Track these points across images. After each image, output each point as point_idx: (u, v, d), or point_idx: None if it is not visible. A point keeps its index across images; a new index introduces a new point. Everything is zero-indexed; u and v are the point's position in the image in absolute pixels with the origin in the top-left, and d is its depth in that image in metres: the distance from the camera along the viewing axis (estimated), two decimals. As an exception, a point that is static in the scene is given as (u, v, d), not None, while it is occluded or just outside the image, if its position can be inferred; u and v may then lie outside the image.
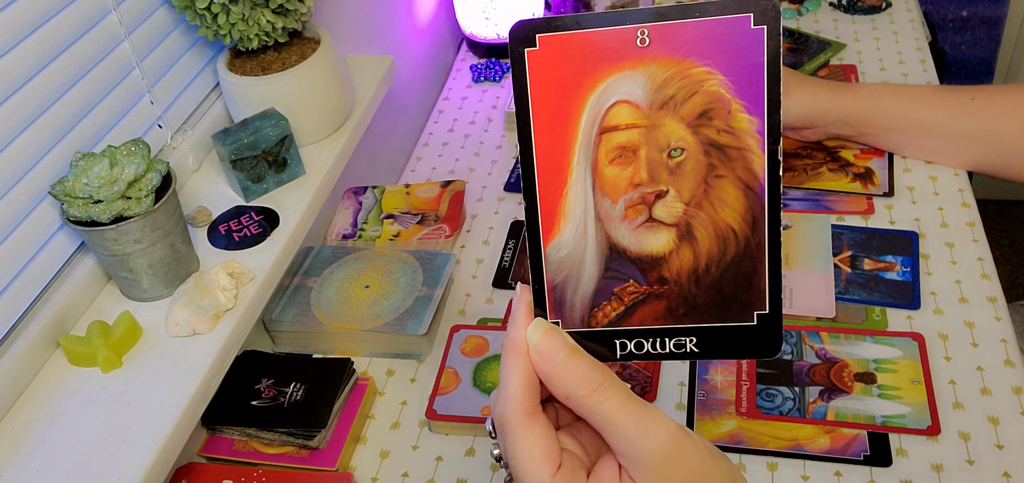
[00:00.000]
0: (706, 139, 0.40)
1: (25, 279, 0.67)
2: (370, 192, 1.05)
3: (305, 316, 0.87)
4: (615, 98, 0.40)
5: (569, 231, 0.42)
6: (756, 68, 0.39)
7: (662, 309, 0.43)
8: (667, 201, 0.41)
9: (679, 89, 0.39)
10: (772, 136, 0.40)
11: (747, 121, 0.40)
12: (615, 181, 0.41)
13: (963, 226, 0.92)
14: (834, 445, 0.73)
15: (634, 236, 0.42)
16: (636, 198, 0.41)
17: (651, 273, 0.42)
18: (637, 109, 0.40)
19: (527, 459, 0.42)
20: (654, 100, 0.40)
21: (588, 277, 0.43)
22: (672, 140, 0.40)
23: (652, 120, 0.40)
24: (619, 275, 0.43)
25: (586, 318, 0.43)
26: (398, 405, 0.82)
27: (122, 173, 0.67)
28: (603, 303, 0.43)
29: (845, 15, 1.30)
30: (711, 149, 0.40)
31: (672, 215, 0.41)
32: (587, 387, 0.41)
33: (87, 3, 0.71)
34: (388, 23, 1.22)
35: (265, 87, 0.82)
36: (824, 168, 0.99)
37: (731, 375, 0.79)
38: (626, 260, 0.42)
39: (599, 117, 0.40)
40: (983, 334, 0.80)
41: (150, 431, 0.62)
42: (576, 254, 0.42)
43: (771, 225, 0.41)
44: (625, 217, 0.42)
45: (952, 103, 0.94)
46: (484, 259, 0.98)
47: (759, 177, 0.40)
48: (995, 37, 1.94)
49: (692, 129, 0.40)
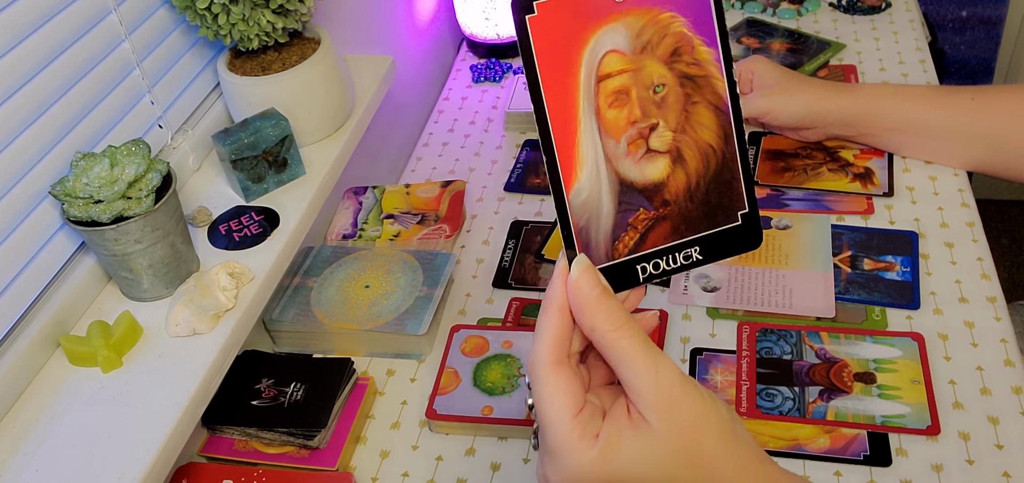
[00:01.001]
0: (679, 73, 0.46)
1: (25, 279, 0.67)
2: (370, 192, 1.05)
3: (305, 316, 0.87)
4: (605, 49, 0.45)
5: (585, 175, 0.47)
6: (705, 7, 0.46)
7: (668, 229, 0.49)
8: (659, 132, 0.47)
9: (653, 34, 0.46)
10: (726, 62, 0.47)
11: (707, 52, 0.46)
12: (616, 122, 0.46)
13: (963, 226, 0.92)
14: (834, 445, 0.73)
15: (638, 168, 0.47)
16: (635, 134, 0.47)
17: (655, 198, 0.48)
18: (624, 56, 0.46)
19: (551, 402, 0.46)
20: (635, 46, 0.46)
21: (606, 213, 0.48)
22: (655, 78, 0.46)
23: (636, 63, 0.46)
24: (630, 206, 0.48)
25: (610, 251, 0.48)
26: (398, 405, 0.82)
27: (122, 173, 0.67)
28: (621, 235, 0.48)
29: (845, 15, 1.30)
30: (685, 80, 0.47)
31: (664, 143, 0.47)
32: (612, 324, 0.46)
33: (87, 3, 0.71)
34: (388, 23, 1.22)
35: (265, 87, 0.82)
36: (824, 168, 0.99)
37: (731, 375, 0.79)
38: (635, 191, 0.48)
39: (595, 67, 0.45)
40: (983, 334, 0.80)
41: (150, 431, 0.62)
42: (594, 195, 0.47)
43: (738, 136, 0.48)
44: (628, 152, 0.47)
45: (952, 103, 0.94)
46: (484, 259, 0.98)
47: (724, 97, 0.47)
48: (995, 37, 1.94)
49: (668, 65, 0.46)
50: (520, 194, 1.06)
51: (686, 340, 0.84)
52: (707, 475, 0.46)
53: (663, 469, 0.45)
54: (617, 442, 0.46)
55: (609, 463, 0.46)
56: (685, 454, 0.45)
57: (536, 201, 1.05)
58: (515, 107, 1.18)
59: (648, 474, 0.46)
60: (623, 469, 0.46)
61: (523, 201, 1.05)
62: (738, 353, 0.81)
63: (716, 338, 0.83)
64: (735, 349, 0.82)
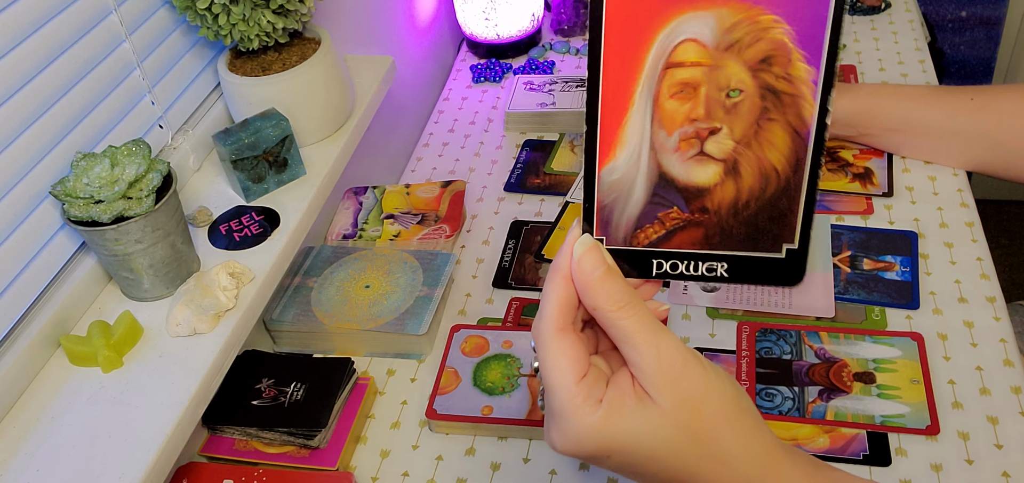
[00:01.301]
0: (764, 83, 0.43)
1: (26, 279, 0.67)
2: (370, 192, 1.05)
3: (305, 316, 0.87)
4: (684, 36, 0.42)
5: (624, 156, 0.45)
6: (820, 22, 0.41)
7: (700, 236, 0.46)
8: (719, 138, 0.44)
9: (745, 34, 0.42)
10: (826, 87, 0.42)
11: (805, 70, 0.42)
12: (673, 114, 0.44)
13: (962, 226, 0.92)
14: (833, 445, 0.73)
15: (684, 167, 0.45)
16: (691, 132, 0.44)
17: (694, 202, 0.46)
18: (704, 48, 0.42)
19: (556, 367, 0.46)
20: (721, 41, 0.42)
21: (635, 200, 0.46)
22: (732, 81, 0.43)
23: (716, 60, 0.42)
24: (664, 202, 0.46)
25: (629, 238, 0.47)
26: (398, 405, 0.82)
27: (123, 173, 0.67)
28: (646, 226, 0.47)
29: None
30: (767, 93, 0.43)
31: (722, 151, 0.44)
32: (615, 304, 0.46)
33: (88, 4, 0.72)
34: (388, 23, 1.22)
35: (265, 87, 0.82)
36: (823, 168, 0.99)
37: (731, 375, 0.79)
38: (673, 189, 0.46)
39: (667, 53, 0.42)
40: (982, 334, 0.80)
41: (151, 431, 0.62)
42: (627, 179, 0.46)
43: (812, 169, 0.44)
44: (678, 148, 0.45)
45: (951, 103, 0.94)
46: (484, 259, 0.98)
47: (808, 123, 0.43)
48: (994, 37, 1.94)
49: (752, 73, 0.42)
50: (520, 194, 1.07)
51: (686, 340, 0.84)
52: (709, 449, 0.46)
53: (665, 443, 0.46)
54: (620, 411, 0.46)
55: (610, 429, 0.46)
56: (687, 428, 0.46)
57: (536, 201, 1.05)
58: (515, 107, 1.18)
59: (650, 446, 0.46)
60: (625, 438, 0.46)
61: (523, 201, 1.05)
62: (738, 353, 0.81)
63: (716, 338, 0.83)
64: (735, 349, 0.82)
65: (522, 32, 1.33)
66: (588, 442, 0.47)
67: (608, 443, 0.47)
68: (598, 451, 0.47)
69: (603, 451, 0.47)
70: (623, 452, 0.47)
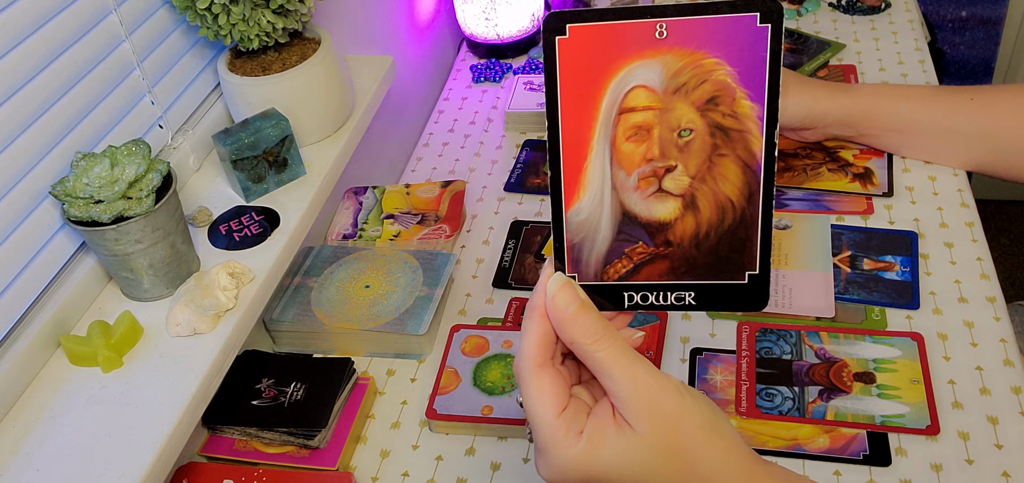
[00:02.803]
0: (712, 122, 0.45)
1: (26, 279, 0.67)
2: (370, 192, 1.05)
3: (306, 316, 0.87)
4: (634, 83, 0.45)
5: (588, 198, 0.48)
6: (759, 61, 0.44)
7: (666, 267, 0.49)
8: (675, 175, 0.47)
9: (691, 77, 0.44)
10: (771, 121, 0.45)
11: (749, 107, 0.45)
12: (630, 156, 0.47)
13: (962, 226, 0.92)
14: (833, 445, 0.73)
15: (645, 204, 0.48)
16: (648, 171, 0.47)
17: (658, 236, 0.48)
18: (653, 93, 0.45)
19: (537, 402, 0.48)
20: (668, 86, 0.45)
21: (602, 238, 0.49)
22: (682, 122, 0.46)
23: (666, 103, 0.45)
24: (630, 237, 0.48)
25: (599, 273, 0.49)
26: (398, 405, 0.82)
27: (123, 173, 0.67)
28: (615, 261, 0.49)
29: (844, 15, 1.30)
30: (716, 131, 0.46)
31: (679, 187, 0.47)
32: (590, 337, 0.47)
33: (88, 4, 0.72)
34: (388, 23, 1.22)
35: (265, 87, 0.82)
36: (824, 168, 0.99)
37: (731, 374, 0.79)
38: (637, 225, 0.48)
39: (619, 99, 0.45)
40: (982, 334, 0.80)
41: (151, 431, 0.62)
42: (593, 218, 0.48)
43: (765, 199, 0.47)
44: (637, 187, 0.47)
45: (951, 103, 0.94)
46: (484, 259, 0.98)
47: (757, 157, 0.46)
48: (994, 37, 1.94)
49: (701, 112, 0.45)
50: (520, 194, 1.07)
51: (686, 340, 0.84)
52: (689, 469, 0.48)
53: (646, 466, 0.48)
54: (601, 440, 0.48)
55: (593, 458, 0.48)
56: (666, 451, 0.47)
57: (536, 201, 1.05)
58: (515, 107, 1.18)
59: (632, 472, 0.48)
60: (607, 466, 0.48)
61: (523, 201, 1.05)
62: (738, 353, 0.81)
63: (716, 338, 0.83)
64: (735, 349, 0.82)
65: (522, 32, 1.33)
66: (572, 473, 0.48)
67: (592, 472, 0.48)
68: (582, 480, 0.49)
69: (587, 480, 0.49)
70: (607, 479, 0.48)
